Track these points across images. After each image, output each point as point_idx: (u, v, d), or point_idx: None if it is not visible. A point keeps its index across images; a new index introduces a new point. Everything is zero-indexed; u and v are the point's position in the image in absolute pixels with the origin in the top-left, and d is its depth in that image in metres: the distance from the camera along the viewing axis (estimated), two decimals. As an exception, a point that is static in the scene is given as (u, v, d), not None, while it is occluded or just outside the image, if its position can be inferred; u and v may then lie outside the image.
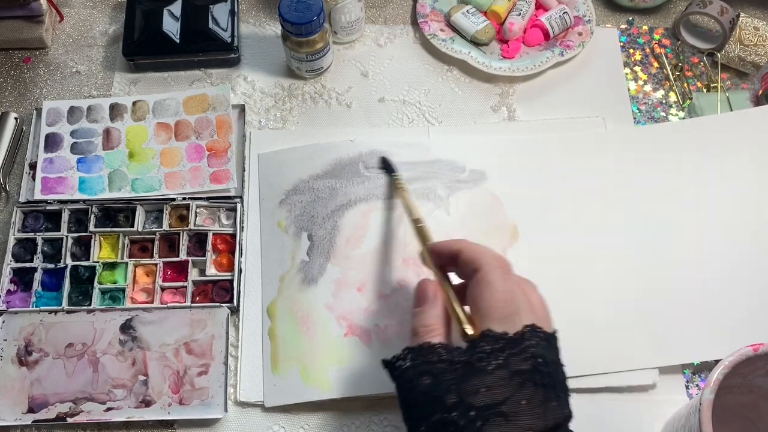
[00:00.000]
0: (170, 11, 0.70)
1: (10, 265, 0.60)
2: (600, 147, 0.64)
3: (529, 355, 0.38)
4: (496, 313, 0.40)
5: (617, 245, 0.59)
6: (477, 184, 0.62)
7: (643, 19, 0.74)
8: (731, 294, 0.57)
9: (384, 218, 0.60)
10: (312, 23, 0.62)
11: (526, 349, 0.39)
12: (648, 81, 0.70)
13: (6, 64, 0.71)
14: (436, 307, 0.44)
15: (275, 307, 0.58)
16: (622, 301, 0.57)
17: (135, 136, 0.65)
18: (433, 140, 0.64)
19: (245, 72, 0.70)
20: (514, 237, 0.60)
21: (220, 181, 0.63)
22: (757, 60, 0.68)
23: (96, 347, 0.56)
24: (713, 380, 0.44)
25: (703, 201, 0.61)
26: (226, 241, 0.61)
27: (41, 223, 0.62)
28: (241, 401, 0.55)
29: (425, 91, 0.69)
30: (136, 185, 0.63)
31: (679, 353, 0.56)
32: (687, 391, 0.56)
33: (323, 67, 0.69)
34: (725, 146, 0.63)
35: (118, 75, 0.70)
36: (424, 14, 0.71)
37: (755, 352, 0.45)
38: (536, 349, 0.39)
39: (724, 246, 0.59)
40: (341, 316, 0.56)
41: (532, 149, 0.64)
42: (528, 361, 0.38)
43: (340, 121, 0.67)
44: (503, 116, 0.68)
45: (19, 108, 0.69)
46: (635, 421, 0.54)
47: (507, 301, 0.41)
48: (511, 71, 0.68)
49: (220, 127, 0.66)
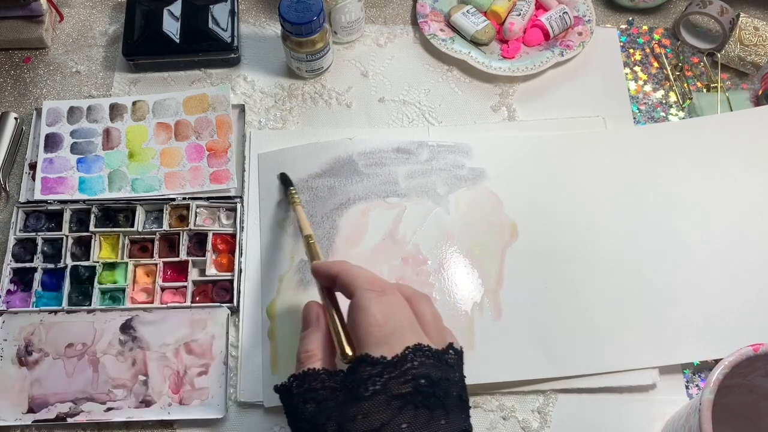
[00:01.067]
0: (170, 11, 0.70)
1: (10, 265, 0.60)
2: (600, 147, 0.64)
3: (409, 377, 0.37)
4: (371, 338, 0.39)
5: (617, 245, 0.59)
6: (477, 183, 0.62)
7: (643, 19, 0.74)
8: (731, 294, 0.57)
9: (383, 217, 0.60)
10: (312, 23, 0.63)
11: (406, 372, 0.38)
12: (648, 81, 0.70)
13: (6, 64, 0.71)
14: (318, 331, 0.43)
15: (275, 307, 0.58)
16: (622, 301, 0.57)
17: (135, 136, 0.65)
18: (433, 139, 0.64)
19: (245, 72, 0.70)
20: (514, 236, 0.60)
21: (220, 181, 0.63)
22: (757, 60, 0.68)
23: (96, 347, 0.56)
24: (713, 380, 0.44)
25: (703, 201, 0.61)
26: (226, 241, 0.61)
27: (42, 223, 0.62)
28: (241, 401, 0.55)
29: (425, 91, 0.69)
30: (136, 185, 0.63)
31: (679, 353, 0.56)
32: (687, 391, 0.56)
33: (323, 67, 0.69)
34: (725, 146, 0.63)
35: (118, 75, 0.70)
36: (424, 14, 0.71)
37: (755, 352, 0.45)
38: (419, 370, 0.38)
39: (724, 246, 0.59)
40: (341, 316, 0.56)
41: (533, 148, 0.64)
42: (409, 383, 0.37)
43: (340, 121, 0.67)
44: (503, 116, 0.68)
45: (19, 108, 0.69)
46: (635, 421, 0.54)
47: (381, 325, 0.40)
48: (511, 71, 0.68)
49: (220, 127, 0.66)
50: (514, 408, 0.55)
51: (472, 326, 0.56)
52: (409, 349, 0.39)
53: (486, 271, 0.58)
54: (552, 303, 0.57)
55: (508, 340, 0.56)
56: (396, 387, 0.37)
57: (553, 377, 0.55)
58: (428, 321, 0.42)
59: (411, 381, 0.37)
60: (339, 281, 0.44)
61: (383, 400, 0.37)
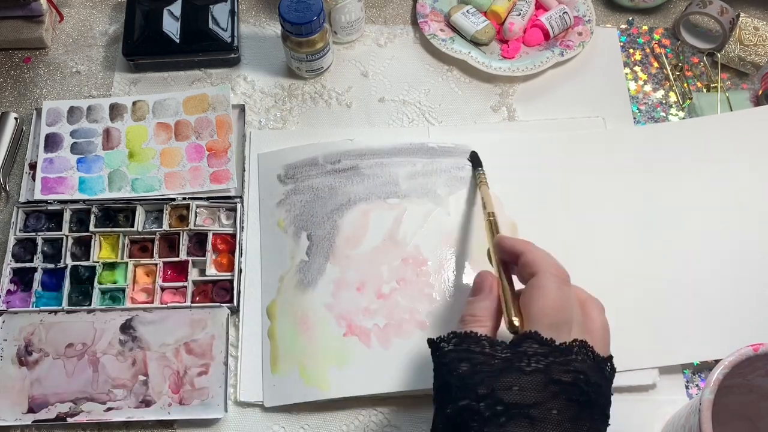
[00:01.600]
0: (170, 11, 0.70)
1: (10, 265, 0.60)
2: (600, 147, 0.64)
3: (571, 368, 0.37)
4: (545, 319, 0.39)
5: (617, 245, 0.59)
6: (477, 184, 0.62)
7: (643, 19, 0.74)
8: (731, 294, 0.57)
9: (383, 218, 0.60)
10: (312, 23, 0.62)
11: (569, 362, 0.38)
12: (648, 81, 0.70)
13: (6, 64, 0.71)
14: (489, 299, 0.44)
15: (275, 307, 0.58)
16: (622, 301, 0.57)
17: (135, 136, 0.65)
18: (433, 139, 0.64)
19: (245, 72, 0.70)
20: (514, 236, 0.60)
21: (220, 181, 0.63)
22: (757, 60, 0.68)
23: (96, 347, 0.56)
24: (713, 380, 0.44)
25: (703, 201, 0.61)
26: (226, 241, 0.61)
27: (43, 223, 0.62)
28: (241, 401, 0.55)
29: (425, 91, 0.69)
30: (136, 185, 0.63)
31: (679, 353, 0.56)
32: (687, 391, 0.56)
33: (323, 67, 0.69)
34: (725, 146, 0.63)
35: (118, 75, 0.70)
36: (424, 14, 0.71)
37: (755, 352, 0.44)
38: (581, 365, 0.38)
39: (724, 246, 0.59)
40: (341, 316, 0.56)
41: (532, 148, 0.64)
42: (570, 373, 0.37)
43: (340, 121, 0.67)
44: (503, 116, 0.68)
45: (19, 108, 0.69)
46: (635, 421, 0.54)
47: (557, 309, 0.40)
48: (511, 71, 0.68)
49: (220, 127, 0.66)
50: (514, 408, 0.55)
51: (472, 326, 0.56)
52: (577, 342, 0.39)
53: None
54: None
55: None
56: (558, 372, 0.37)
57: (553, 377, 0.55)
58: (596, 327, 0.42)
59: (572, 372, 0.37)
60: (523, 259, 0.44)
61: (542, 380, 0.37)
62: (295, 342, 0.56)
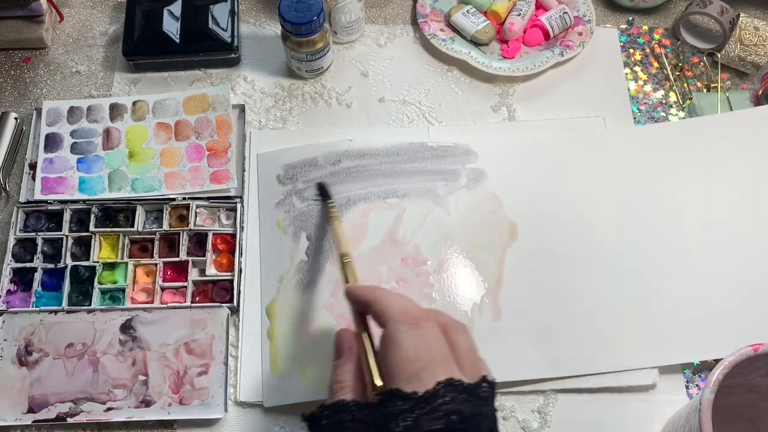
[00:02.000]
0: (170, 11, 0.70)
1: (10, 265, 0.60)
2: (600, 147, 0.64)
3: (441, 414, 0.36)
4: (402, 373, 0.38)
5: (617, 245, 0.59)
6: (477, 183, 0.62)
7: (643, 19, 0.74)
8: (731, 294, 0.57)
9: (383, 218, 0.60)
10: (312, 23, 0.63)
11: (437, 408, 0.37)
12: (648, 81, 0.70)
13: (6, 64, 0.71)
14: (351, 361, 0.42)
15: (274, 307, 0.58)
16: (622, 301, 0.57)
17: (135, 136, 0.65)
18: (433, 139, 0.64)
19: (245, 72, 0.70)
20: (514, 236, 0.60)
21: (220, 181, 0.63)
22: (757, 60, 0.68)
23: (96, 347, 0.56)
24: (713, 380, 0.44)
25: (702, 201, 0.61)
26: (226, 241, 0.61)
27: (43, 223, 0.62)
28: (241, 401, 0.55)
29: (425, 91, 0.69)
30: (136, 185, 0.63)
31: (679, 353, 0.56)
32: (687, 391, 0.56)
33: (323, 67, 0.69)
34: (725, 146, 0.63)
35: (118, 75, 0.70)
36: (424, 14, 0.71)
37: (755, 352, 0.45)
38: (451, 406, 0.37)
39: (723, 246, 0.59)
40: (340, 316, 0.56)
41: (532, 148, 0.64)
42: (441, 420, 0.36)
43: (340, 121, 0.67)
44: (503, 116, 0.68)
45: (19, 108, 0.69)
46: (635, 421, 0.54)
47: (412, 359, 0.38)
48: (511, 71, 0.68)
49: (220, 127, 0.66)
50: (514, 408, 0.55)
51: (471, 327, 0.56)
52: (441, 384, 0.37)
53: (486, 271, 0.58)
54: (552, 303, 0.57)
55: (508, 340, 0.56)
56: (427, 423, 0.36)
57: (553, 377, 0.55)
58: (463, 353, 0.41)
59: (443, 417, 0.36)
60: (372, 310, 0.42)
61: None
62: (295, 342, 0.56)
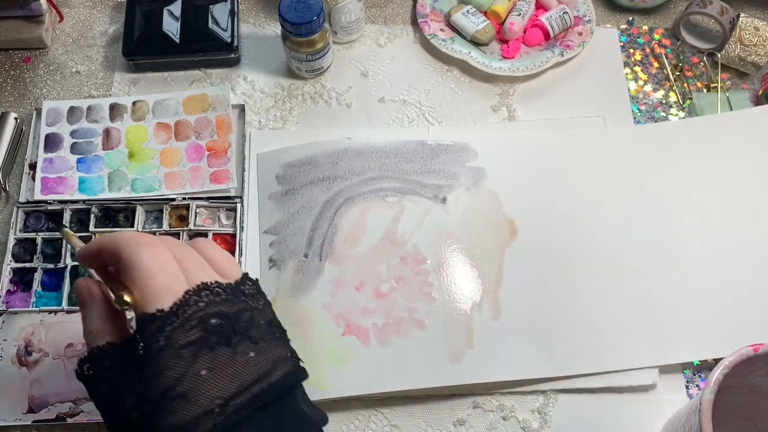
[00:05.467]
0: (170, 11, 0.70)
1: (10, 265, 0.60)
2: (600, 146, 0.64)
3: (195, 322, 0.35)
4: (150, 291, 0.36)
5: (617, 244, 0.59)
6: (476, 182, 0.62)
7: (643, 19, 0.74)
8: (731, 294, 0.57)
9: (382, 217, 0.60)
10: (312, 23, 0.63)
11: (190, 317, 0.35)
12: (648, 81, 0.70)
13: (6, 64, 0.71)
14: (95, 306, 0.40)
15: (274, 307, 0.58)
16: (621, 301, 0.57)
17: (135, 136, 0.65)
18: (432, 138, 0.64)
19: (245, 72, 0.70)
20: (513, 235, 0.60)
21: (220, 181, 0.63)
22: (757, 60, 0.68)
23: (96, 347, 0.56)
24: (713, 380, 0.44)
25: (702, 201, 0.61)
26: (226, 241, 0.61)
27: (43, 223, 0.62)
28: (240, 401, 0.55)
29: (425, 91, 0.69)
30: (136, 185, 0.63)
31: (679, 353, 0.56)
32: (687, 391, 0.56)
33: (323, 67, 0.69)
34: (725, 146, 0.63)
35: (118, 75, 0.70)
36: (424, 14, 0.71)
37: (755, 352, 0.44)
38: (207, 310, 0.36)
39: (724, 245, 0.59)
40: (339, 316, 0.56)
41: (532, 148, 0.64)
42: (196, 328, 0.35)
43: (340, 121, 0.67)
44: (503, 116, 0.68)
45: (19, 108, 0.69)
46: (635, 421, 0.54)
47: (156, 274, 0.36)
48: (511, 71, 0.68)
49: (220, 127, 0.66)
50: (514, 408, 0.55)
51: (471, 326, 0.56)
52: (191, 292, 0.36)
53: (485, 270, 0.58)
54: (551, 302, 0.57)
55: (508, 339, 0.55)
56: (182, 336, 0.35)
57: (553, 377, 0.55)
58: (217, 258, 0.39)
59: (199, 325, 0.35)
60: (104, 252, 0.39)
61: (171, 354, 0.34)
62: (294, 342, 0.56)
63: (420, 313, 0.56)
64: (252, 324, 0.37)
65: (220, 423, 0.34)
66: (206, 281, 0.37)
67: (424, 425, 0.55)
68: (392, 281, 0.57)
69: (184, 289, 0.36)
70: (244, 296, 0.38)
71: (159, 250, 0.37)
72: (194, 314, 0.35)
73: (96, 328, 0.39)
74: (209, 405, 0.34)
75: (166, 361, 0.34)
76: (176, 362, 0.34)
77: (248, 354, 0.36)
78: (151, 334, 0.35)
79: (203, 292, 0.36)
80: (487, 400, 0.55)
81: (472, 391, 0.55)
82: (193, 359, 0.34)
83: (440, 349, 0.55)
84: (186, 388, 0.34)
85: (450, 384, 0.54)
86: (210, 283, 0.37)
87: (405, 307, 0.56)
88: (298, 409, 0.38)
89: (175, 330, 0.35)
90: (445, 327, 0.56)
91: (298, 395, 0.38)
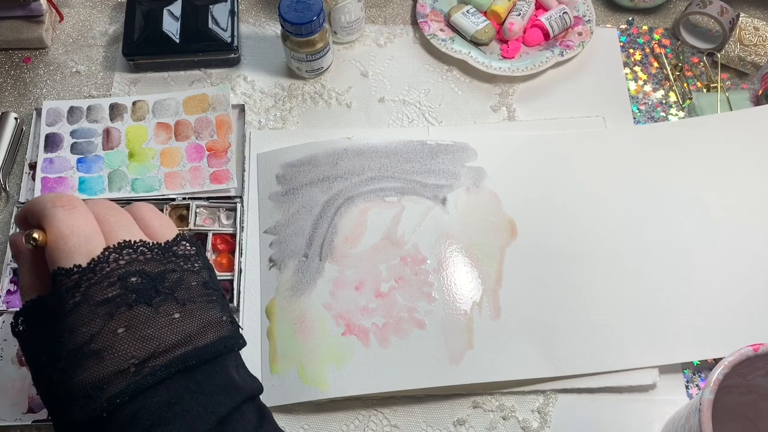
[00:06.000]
0: (170, 11, 0.70)
1: (10, 265, 0.60)
2: (600, 146, 0.64)
3: (114, 279, 0.34)
4: (59, 252, 0.35)
5: (617, 244, 0.59)
6: (476, 182, 0.62)
7: (643, 19, 0.74)
8: (731, 294, 0.57)
9: (382, 217, 0.60)
10: (312, 23, 0.63)
11: (109, 274, 0.35)
12: (648, 81, 0.70)
13: (6, 64, 0.71)
14: (24, 262, 0.39)
15: (273, 307, 0.58)
16: (621, 301, 0.57)
17: (135, 136, 0.65)
18: (432, 138, 0.64)
19: (245, 72, 0.70)
20: (513, 235, 0.60)
21: (220, 181, 0.63)
22: (757, 60, 0.68)
23: (95, 347, 0.56)
24: (713, 380, 0.44)
25: (702, 201, 0.61)
26: (226, 241, 0.61)
27: (41, 223, 0.62)
28: (240, 401, 0.55)
29: (425, 91, 0.69)
30: (136, 185, 0.63)
31: (679, 353, 0.56)
32: (687, 391, 0.56)
33: (323, 67, 0.69)
34: (725, 146, 0.63)
35: (118, 75, 0.70)
36: (424, 14, 0.71)
37: (755, 352, 0.44)
38: (127, 269, 0.35)
39: (724, 245, 0.59)
40: (339, 315, 0.56)
41: (532, 147, 0.64)
42: (114, 285, 0.34)
43: (340, 121, 0.67)
44: (503, 116, 0.68)
45: (19, 108, 0.69)
46: (635, 421, 0.54)
47: (65, 237, 0.35)
48: (511, 71, 0.68)
49: (220, 127, 0.66)
50: (514, 408, 0.55)
51: (471, 325, 0.56)
52: (110, 249, 0.35)
53: (485, 270, 0.58)
54: (551, 302, 0.57)
55: (508, 339, 0.55)
56: (99, 293, 0.34)
57: (553, 377, 0.55)
58: (150, 220, 0.39)
59: (117, 282, 0.35)
60: (29, 214, 0.38)
61: (87, 310, 0.34)
62: (294, 342, 0.56)
63: (420, 313, 0.56)
64: (180, 285, 0.36)
65: (134, 383, 0.33)
66: (128, 240, 0.36)
67: (424, 425, 0.55)
68: (392, 281, 0.57)
69: (102, 247, 0.35)
70: (175, 257, 0.37)
71: (75, 211, 0.37)
72: (113, 271, 0.35)
73: (27, 282, 0.38)
74: (123, 364, 0.33)
75: (81, 317, 0.34)
76: (91, 318, 0.34)
77: (172, 315, 0.35)
78: (67, 289, 0.34)
79: (125, 250, 0.36)
80: (487, 400, 0.55)
81: (472, 391, 0.55)
82: (109, 317, 0.34)
83: (440, 349, 0.55)
84: (100, 345, 0.33)
85: (450, 384, 0.54)
86: (134, 241, 0.36)
87: (405, 307, 0.56)
88: (226, 374, 0.36)
89: (92, 286, 0.34)
90: (445, 327, 0.56)
91: (229, 361, 0.37)
